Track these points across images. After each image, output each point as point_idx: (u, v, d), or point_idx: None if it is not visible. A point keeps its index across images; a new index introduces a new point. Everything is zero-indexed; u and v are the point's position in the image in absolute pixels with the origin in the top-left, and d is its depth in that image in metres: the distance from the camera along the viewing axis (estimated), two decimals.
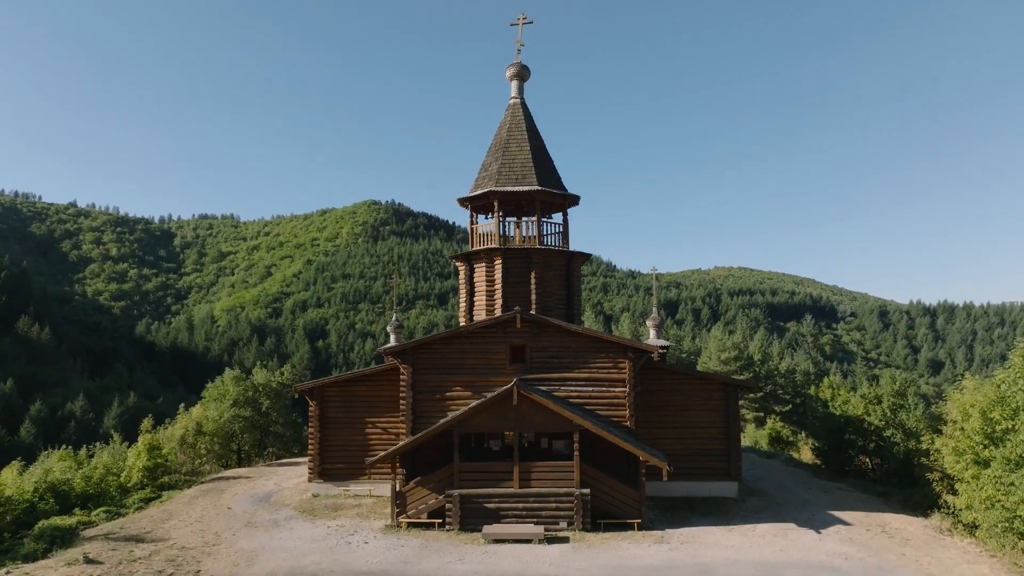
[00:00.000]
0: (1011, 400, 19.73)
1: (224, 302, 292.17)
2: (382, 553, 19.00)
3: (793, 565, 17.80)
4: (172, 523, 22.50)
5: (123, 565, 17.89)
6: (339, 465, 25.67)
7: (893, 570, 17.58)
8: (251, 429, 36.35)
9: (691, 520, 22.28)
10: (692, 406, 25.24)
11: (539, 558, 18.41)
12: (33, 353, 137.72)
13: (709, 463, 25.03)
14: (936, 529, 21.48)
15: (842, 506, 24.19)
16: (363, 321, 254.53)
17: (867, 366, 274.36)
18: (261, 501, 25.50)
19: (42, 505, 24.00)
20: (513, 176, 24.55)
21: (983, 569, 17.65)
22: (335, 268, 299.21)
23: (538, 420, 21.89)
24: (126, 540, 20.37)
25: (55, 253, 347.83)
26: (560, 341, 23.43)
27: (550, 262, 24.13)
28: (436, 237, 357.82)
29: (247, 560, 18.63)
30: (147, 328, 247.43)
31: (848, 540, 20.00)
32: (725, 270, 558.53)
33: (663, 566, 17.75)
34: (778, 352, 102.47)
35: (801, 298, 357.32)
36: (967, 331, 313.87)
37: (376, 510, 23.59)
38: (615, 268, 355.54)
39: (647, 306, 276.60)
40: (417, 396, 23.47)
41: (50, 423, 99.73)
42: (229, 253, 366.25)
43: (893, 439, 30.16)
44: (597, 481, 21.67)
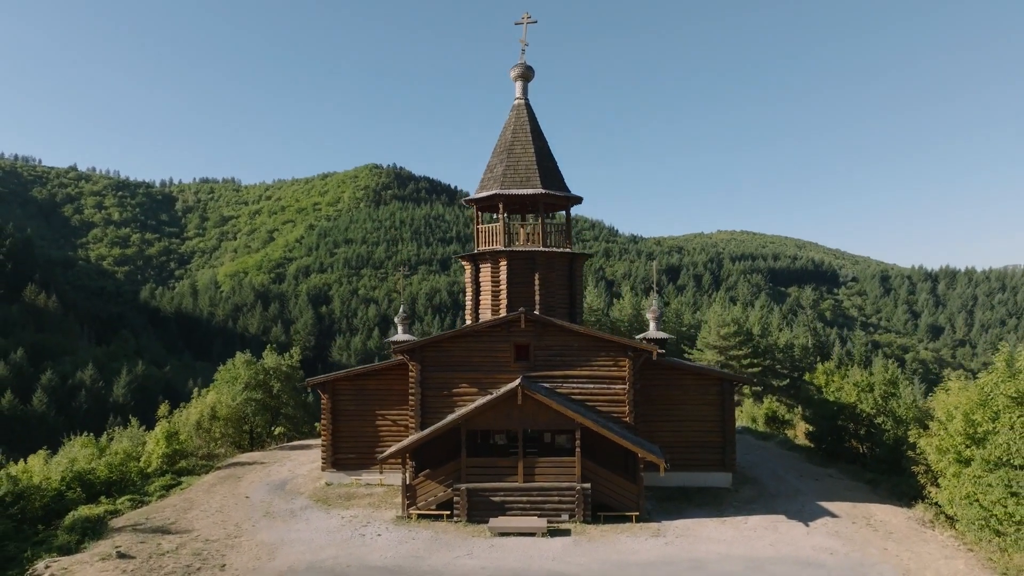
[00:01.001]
0: (993, 403, 20.67)
1: (227, 267, 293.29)
2: (395, 547, 20.20)
3: (781, 561, 18.96)
4: (194, 513, 23.73)
5: (153, 559, 19.10)
6: (351, 455, 26.83)
7: (874, 565, 18.74)
8: (263, 411, 37.55)
9: (687, 511, 23.46)
10: (689, 400, 26.26)
11: (542, 552, 19.59)
12: (41, 321, 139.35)
13: (705, 455, 26.15)
14: (919, 521, 22.64)
15: (831, 496, 25.36)
16: (366, 287, 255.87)
17: (867, 332, 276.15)
18: (277, 489, 26.73)
19: (70, 494, 25.25)
20: (518, 178, 25.15)
21: (959, 565, 18.80)
22: (337, 233, 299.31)
23: (542, 418, 22.93)
24: (153, 532, 21.60)
25: (57, 218, 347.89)
26: (563, 340, 24.35)
27: (553, 263, 24.87)
28: (438, 201, 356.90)
29: (268, 553, 19.85)
30: (151, 294, 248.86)
31: (834, 534, 21.16)
32: (728, 234, 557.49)
33: (658, 562, 18.93)
34: (777, 324, 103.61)
35: (803, 263, 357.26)
36: (968, 296, 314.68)
37: (387, 499, 24.79)
38: (617, 233, 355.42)
39: (648, 271, 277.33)
40: (425, 392, 24.52)
41: (61, 392, 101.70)
42: (231, 217, 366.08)
43: (884, 426, 31.22)
44: (597, 475, 22.79)
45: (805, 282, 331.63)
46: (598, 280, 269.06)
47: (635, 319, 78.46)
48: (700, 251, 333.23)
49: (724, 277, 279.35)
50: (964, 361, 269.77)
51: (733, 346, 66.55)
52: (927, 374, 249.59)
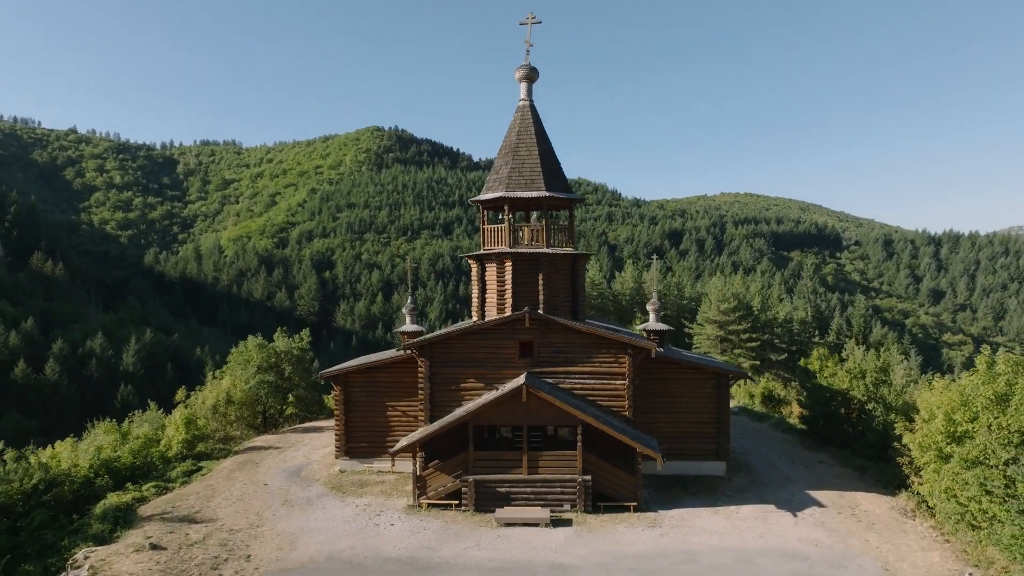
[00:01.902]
0: (972, 404, 21.78)
1: (230, 231, 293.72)
2: (407, 537, 21.59)
3: (769, 553, 20.32)
4: (217, 501, 25.15)
5: (183, 550, 20.50)
6: (363, 444, 28.15)
7: (855, 557, 20.09)
8: (275, 393, 38.89)
9: (682, 500, 24.81)
10: (687, 393, 27.43)
11: (546, 544, 20.97)
12: (49, 289, 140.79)
13: (700, 445, 27.42)
14: (901, 511, 23.97)
15: (820, 484, 26.70)
16: (369, 252, 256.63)
17: (868, 297, 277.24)
18: (293, 476, 28.13)
19: (99, 481, 26.65)
20: (522, 181, 25.89)
21: (934, 557, 20.15)
22: (339, 197, 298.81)
23: (545, 414, 24.12)
24: (180, 521, 23.01)
25: (59, 181, 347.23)
26: (566, 338, 25.44)
27: (556, 264, 25.76)
28: (440, 165, 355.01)
29: (289, 543, 21.25)
30: (155, 258, 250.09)
31: (820, 524, 22.51)
32: (731, 196, 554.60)
33: (653, 553, 20.29)
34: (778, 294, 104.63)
35: (806, 227, 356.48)
36: (970, 261, 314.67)
37: (398, 487, 26.17)
38: (620, 196, 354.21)
39: (651, 237, 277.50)
40: (434, 387, 25.73)
41: (72, 361, 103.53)
42: (233, 181, 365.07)
43: (874, 412, 32.51)
44: (598, 468, 24.09)
45: (808, 246, 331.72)
46: (601, 244, 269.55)
47: (636, 292, 79.59)
48: (703, 215, 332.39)
49: (727, 242, 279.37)
50: (964, 325, 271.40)
51: (733, 321, 67.68)
52: (927, 338, 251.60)
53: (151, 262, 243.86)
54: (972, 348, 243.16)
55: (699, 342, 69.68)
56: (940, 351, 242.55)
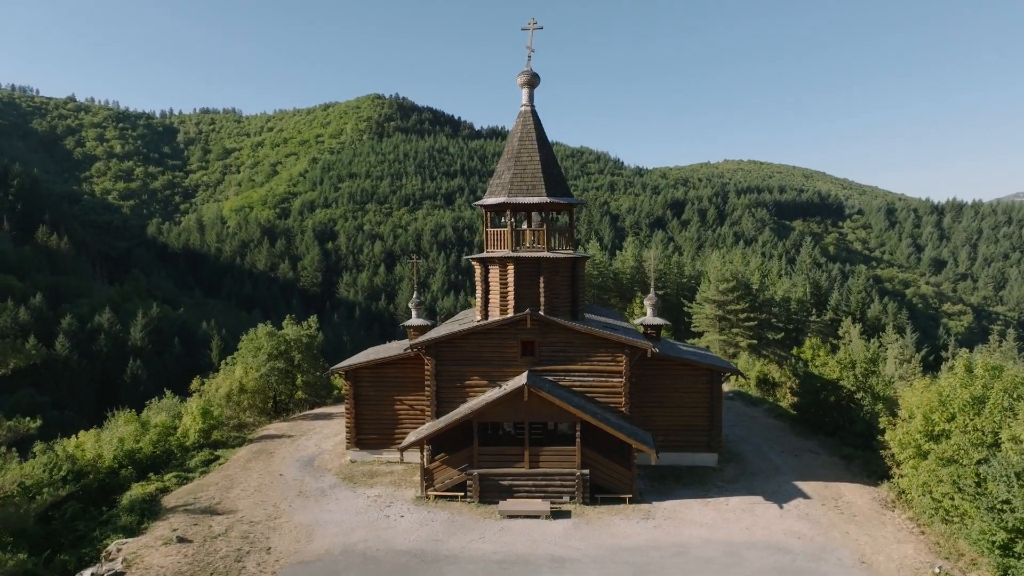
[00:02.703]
0: (950, 405, 23.03)
1: (232, 202, 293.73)
2: (416, 529, 23.05)
3: (754, 546, 21.75)
4: (236, 492, 26.63)
5: (208, 543, 21.99)
6: (372, 436, 29.55)
7: (835, 550, 21.53)
8: (285, 380, 40.27)
9: (675, 491, 26.24)
10: (681, 388, 28.69)
11: (546, 536, 22.42)
12: (55, 263, 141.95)
13: (693, 437, 28.78)
14: (882, 502, 25.39)
15: (807, 475, 28.10)
16: (371, 222, 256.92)
17: (869, 266, 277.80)
18: (306, 465, 29.60)
19: (123, 472, 28.14)
20: (524, 187, 26.80)
21: (908, 549, 21.58)
22: (341, 167, 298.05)
23: (546, 412, 25.40)
24: (202, 513, 24.49)
25: (59, 151, 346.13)
26: (565, 338, 26.63)
27: (557, 267, 26.80)
28: (442, 133, 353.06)
29: (306, 535, 22.73)
30: (158, 229, 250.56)
31: (804, 516, 23.93)
32: (734, 163, 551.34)
33: (647, 546, 21.73)
34: (778, 269, 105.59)
35: (809, 196, 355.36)
36: (972, 230, 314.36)
37: (406, 478, 27.62)
38: (623, 165, 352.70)
39: (653, 207, 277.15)
40: (440, 384, 27.02)
41: (81, 336, 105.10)
42: (233, 150, 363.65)
43: (862, 402, 33.86)
44: (595, 462, 25.47)
45: (810, 215, 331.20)
46: (603, 215, 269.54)
47: (637, 271, 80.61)
48: (705, 184, 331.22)
49: (729, 211, 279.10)
50: (964, 295, 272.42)
51: (731, 300, 68.81)
52: (927, 309, 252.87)
53: (154, 233, 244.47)
54: (972, 318, 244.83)
55: (698, 321, 70.95)
56: (940, 321, 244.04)
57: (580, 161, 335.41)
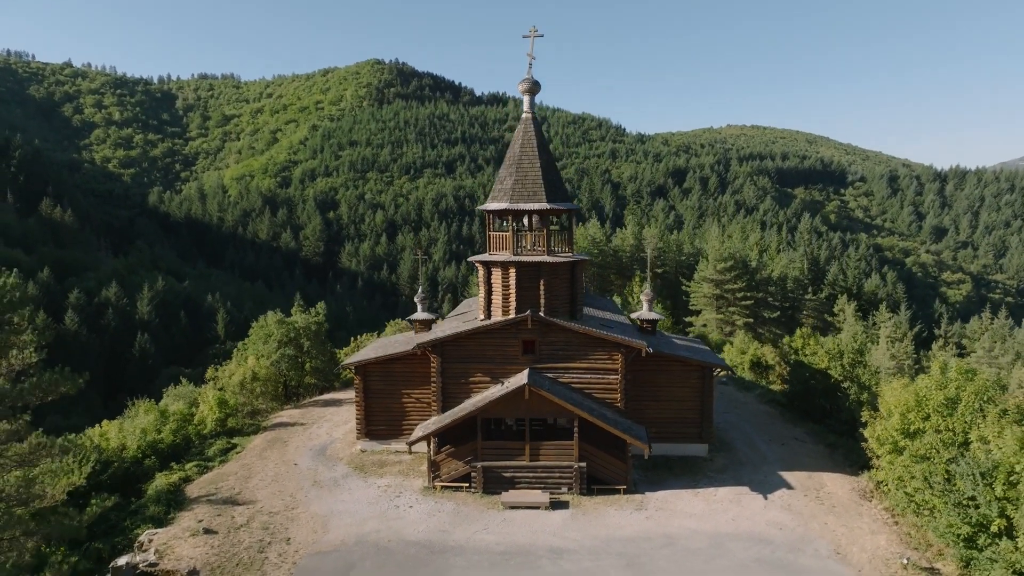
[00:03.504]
0: (925, 406, 24.51)
1: (233, 170, 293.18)
2: (424, 520, 24.75)
3: (739, 537, 23.43)
4: (254, 482, 28.33)
5: (232, 534, 23.71)
6: (381, 427, 31.17)
7: (812, 541, 23.23)
8: (295, 366, 41.84)
9: (667, 481, 27.91)
10: (674, 383, 30.17)
11: (545, 527, 24.12)
12: (60, 236, 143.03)
13: (685, 429, 30.37)
14: (860, 493, 27.07)
15: (792, 464, 29.76)
16: (372, 191, 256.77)
17: (870, 235, 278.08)
18: (319, 455, 31.28)
19: (147, 462, 29.84)
20: (525, 193, 27.91)
21: (881, 540, 23.27)
22: (341, 135, 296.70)
23: (545, 409, 26.94)
24: (224, 503, 26.21)
25: (57, 118, 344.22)
26: (565, 337, 28.04)
27: (556, 270, 28.05)
28: (442, 99, 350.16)
29: (322, 526, 24.45)
30: (160, 198, 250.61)
31: (787, 507, 25.61)
32: (737, 128, 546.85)
33: (638, 537, 23.43)
34: (776, 244, 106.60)
35: (812, 163, 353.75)
36: (975, 197, 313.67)
37: (414, 467, 29.29)
38: (624, 132, 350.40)
39: (654, 175, 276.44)
40: (445, 380, 28.55)
41: (89, 311, 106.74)
42: (233, 116, 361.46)
43: (849, 391, 35.39)
44: (592, 455, 27.09)
45: (812, 183, 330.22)
46: (604, 183, 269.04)
47: (636, 249, 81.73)
48: (708, 151, 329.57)
49: (731, 180, 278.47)
50: (964, 263, 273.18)
51: (728, 280, 70.15)
52: (926, 277, 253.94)
53: (155, 202, 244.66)
54: (970, 287, 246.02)
55: (695, 300, 72.35)
56: (938, 291, 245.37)
57: (581, 128, 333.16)
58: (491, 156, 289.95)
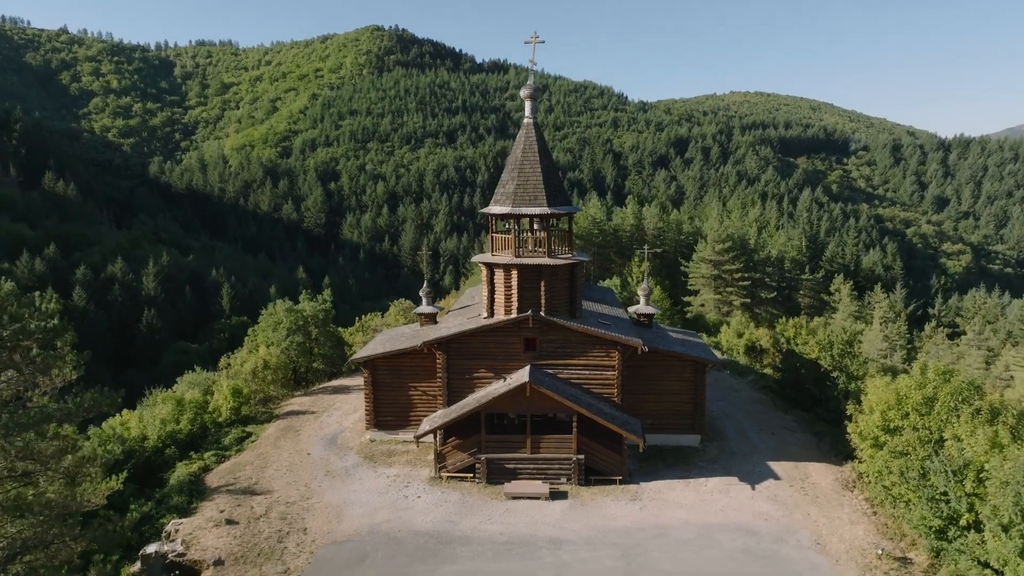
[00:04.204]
0: (905, 404, 25.91)
1: (233, 139, 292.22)
2: (432, 510, 26.36)
3: (726, 528, 25.03)
4: (270, 472, 29.93)
5: (252, 524, 25.35)
6: (389, 418, 32.68)
7: (795, 532, 24.83)
8: (304, 354, 43.30)
9: (661, 472, 29.47)
10: (668, 377, 31.58)
11: (545, 518, 25.72)
12: (63, 210, 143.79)
13: (679, 420, 31.87)
14: (843, 483, 28.64)
15: (780, 454, 31.30)
16: (373, 162, 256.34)
17: (872, 205, 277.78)
18: (330, 444, 32.84)
19: (168, 452, 31.45)
20: (527, 197, 28.96)
21: (859, 531, 24.88)
22: (341, 104, 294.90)
23: (546, 405, 28.38)
24: (243, 493, 27.82)
25: (55, 86, 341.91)
26: (564, 336, 29.38)
27: (556, 272, 29.23)
28: (443, 67, 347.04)
29: (336, 516, 26.07)
30: (160, 168, 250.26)
31: (772, 498, 27.18)
32: (741, 95, 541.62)
33: (632, 528, 25.03)
34: (776, 220, 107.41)
35: (815, 131, 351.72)
36: (978, 167, 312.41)
37: (421, 457, 30.85)
38: (626, 100, 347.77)
39: (656, 145, 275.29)
40: (451, 376, 29.99)
41: (95, 286, 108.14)
42: (232, 84, 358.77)
43: (838, 380, 36.80)
44: (590, 448, 28.60)
45: (815, 152, 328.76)
46: (606, 153, 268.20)
47: (636, 228, 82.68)
48: (710, 120, 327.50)
49: (733, 150, 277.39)
50: (965, 234, 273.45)
51: (727, 261, 71.31)
52: (926, 248, 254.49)
53: (156, 172, 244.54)
54: (970, 258, 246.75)
55: (694, 281, 73.58)
56: (938, 262, 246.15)
57: (583, 96, 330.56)
58: (492, 125, 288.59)
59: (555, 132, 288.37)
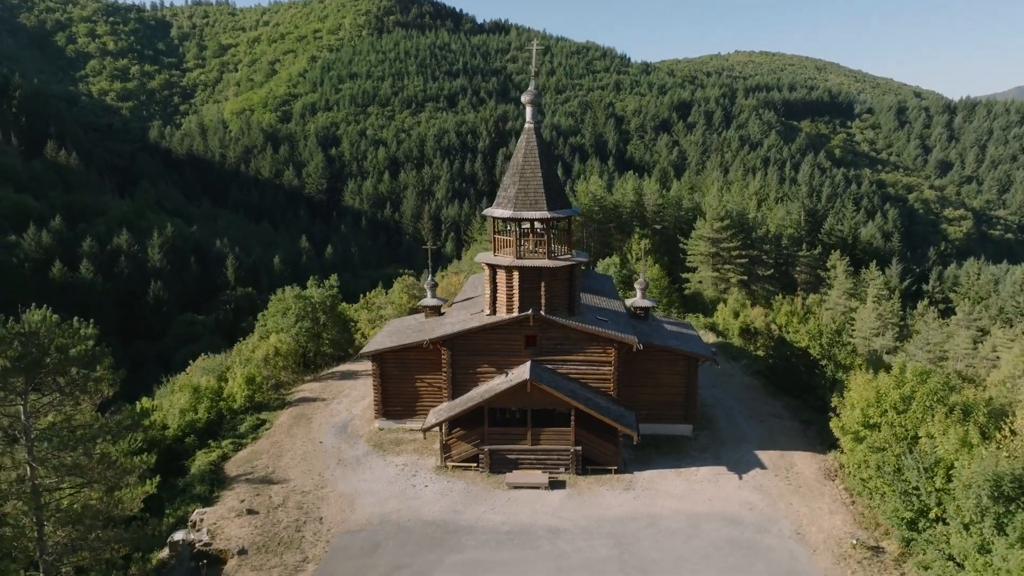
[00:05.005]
0: (884, 402, 27.46)
1: (232, 103, 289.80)
2: (438, 500, 28.16)
3: (713, 517, 26.82)
4: (285, 460, 31.71)
5: (271, 514, 27.18)
6: (397, 408, 34.36)
7: (778, 521, 26.64)
8: (313, 339, 44.87)
9: (654, 461, 31.21)
10: (663, 371, 33.11)
11: (545, 508, 27.52)
12: (67, 180, 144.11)
13: (672, 411, 33.53)
14: (826, 472, 30.40)
15: (768, 443, 33.02)
16: (373, 126, 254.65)
17: (875, 170, 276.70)
18: (341, 432, 34.58)
19: (188, 440, 33.22)
20: (528, 201, 30.09)
21: (837, 520, 26.69)
22: (341, 67, 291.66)
23: (546, 401, 29.96)
24: (261, 482, 29.63)
25: (50, 47, 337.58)
26: (563, 333, 30.84)
27: (556, 273, 30.50)
28: (443, 28, 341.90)
29: (349, 505, 27.89)
30: (160, 133, 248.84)
31: (758, 488, 28.96)
32: (745, 55, 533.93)
33: (626, 517, 26.83)
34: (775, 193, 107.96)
35: (819, 93, 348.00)
36: (983, 130, 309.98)
37: (427, 446, 32.56)
38: (629, 62, 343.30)
39: (659, 109, 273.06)
40: (455, 370, 31.56)
41: (102, 259, 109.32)
42: (230, 46, 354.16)
43: (826, 369, 38.35)
44: (587, 440, 30.30)
45: (819, 115, 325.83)
46: (608, 117, 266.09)
47: (636, 205, 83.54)
48: (713, 83, 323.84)
49: (736, 114, 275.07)
50: (967, 199, 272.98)
51: (725, 239, 72.43)
52: (927, 214, 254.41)
53: (156, 137, 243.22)
54: (971, 224, 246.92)
55: (693, 258, 74.79)
56: (939, 227, 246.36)
57: (585, 58, 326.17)
58: (493, 88, 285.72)
59: (557, 95, 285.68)
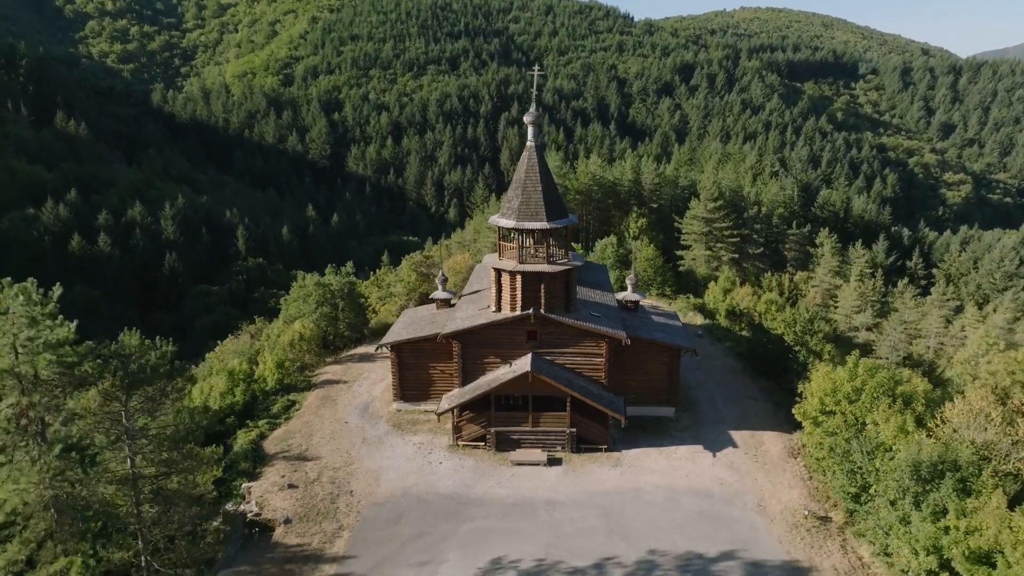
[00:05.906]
0: (839, 392, 31.61)
1: (234, 66, 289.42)
2: (452, 475, 32.58)
3: (689, 492, 31.19)
4: (316, 439, 36.07)
5: (308, 487, 31.62)
6: (413, 392, 38.63)
7: (743, 495, 31.03)
8: (332, 322, 48.99)
9: (640, 440, 35.55)
10: (649, 360, 37.20)
11: (544, 482, 31.92)
12: (76, 151, 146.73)
13: (657, 395, 37.74)
14: (790, 451, 34.74)
15: (742, 423, 37.30)
16: (376, 90, 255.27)
17: (876, 134, 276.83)
18: (363, 413, 38.90)
19: (229, 421, 37.58)
20: (529, 212, 33.78)
21: (794, 494, 31.08)
22: (342, 28, 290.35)
23: (545, 389, 34.12)
24: (297, 459, 34.04)
25: (48, 7, 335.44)
26: (561, 329, 34.89)
27: (555, 276, 34.37)
28: None
29: (375, 480, 32.31)
30: (163, 97, 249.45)
31: (729, 465, 33.32)
32: (751, 12, 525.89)
33: (613, 491, 31.23)
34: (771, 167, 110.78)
35: (824, 54, 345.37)
36: (987, 92, 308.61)
37: (441, 427, 36.87)
38: (632, 22, 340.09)
39: (661, 71, 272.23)
40: (465, 361, 35.72)
41: (117, 231, 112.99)
42: (229, 6, 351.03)
43: (799, 355, 42.49)
44: (581, 422, 34.60)
45: (823, 76, 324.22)
46: (610, 80, 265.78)
47: (634, 183, 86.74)
48: (717, 44, 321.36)
49: (739, 76, 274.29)
50: (968, 162, 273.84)
51: (718, 218, 75.93)
52: (927, 178, 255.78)
53: (159, 102, 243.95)
54: (971, 188, 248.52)
55: (687, 237, 78.37)
56: (938, 191, 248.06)
57: (588, 18, 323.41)
58: (495, 50, 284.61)
59: (559, 57, 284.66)
